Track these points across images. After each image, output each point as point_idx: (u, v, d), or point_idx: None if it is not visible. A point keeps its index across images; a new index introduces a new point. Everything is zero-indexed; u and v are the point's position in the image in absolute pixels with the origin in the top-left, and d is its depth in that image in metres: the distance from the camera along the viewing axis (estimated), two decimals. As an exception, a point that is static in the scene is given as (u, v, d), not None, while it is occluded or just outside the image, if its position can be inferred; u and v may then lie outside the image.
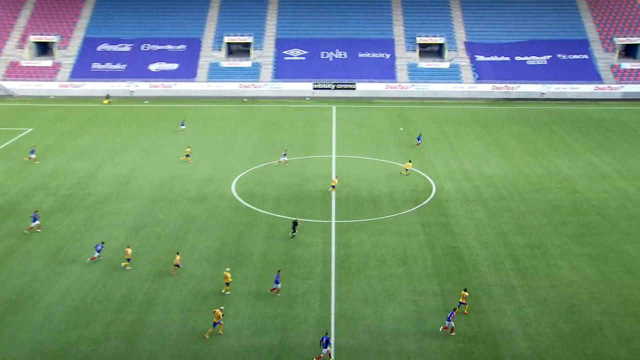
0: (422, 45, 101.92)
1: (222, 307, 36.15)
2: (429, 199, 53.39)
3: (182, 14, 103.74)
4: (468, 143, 69.85)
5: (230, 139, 69.98)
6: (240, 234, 46.53)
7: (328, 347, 32.65)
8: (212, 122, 78.40)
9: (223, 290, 38.93)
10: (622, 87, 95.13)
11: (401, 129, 71.06)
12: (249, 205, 51.72)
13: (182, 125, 74.16)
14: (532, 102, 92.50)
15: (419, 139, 68.06)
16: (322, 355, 32.95)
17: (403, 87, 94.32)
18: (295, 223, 45.69)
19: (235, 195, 54.04)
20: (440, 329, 35.46)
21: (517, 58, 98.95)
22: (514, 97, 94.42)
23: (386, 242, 45.36)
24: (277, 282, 38.54)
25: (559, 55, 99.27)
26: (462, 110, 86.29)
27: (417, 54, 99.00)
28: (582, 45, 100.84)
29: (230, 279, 38.92)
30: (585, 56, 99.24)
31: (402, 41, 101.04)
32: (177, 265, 41.12)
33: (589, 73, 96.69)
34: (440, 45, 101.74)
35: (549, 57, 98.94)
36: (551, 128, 77.31)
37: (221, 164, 62.04)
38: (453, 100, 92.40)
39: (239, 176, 58.53)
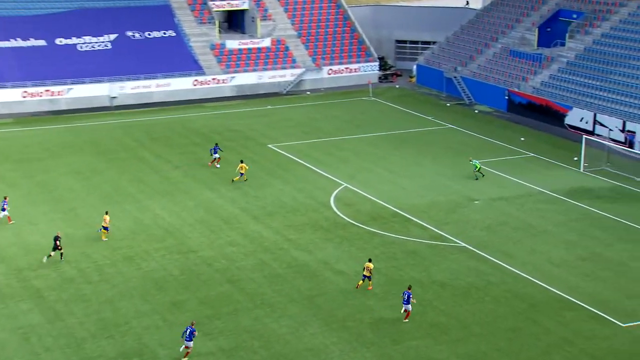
0: None
1: None
2: None
3: None
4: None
5: None
6: None
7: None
8: None
9: None
10: (233, 77, 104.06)
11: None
12: None
13: None
14: (99, 113, 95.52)
15: (215, 151, 77.32)
16: None
17: None
18: (56, 238, 56.39)
19: None
20: (403, 311, 48.73)
21: (61, 41, 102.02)
22: (64, 107, 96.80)
23: None
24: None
25: (129, 34, 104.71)
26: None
27: None
28: (163, 13, 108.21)
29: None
30: (172, 32, 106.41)
31: None
32: None
33: (182, 59, 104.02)
34: None
35: (114, 36, 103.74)
36: (136, 153, 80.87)
37: None
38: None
39: None
